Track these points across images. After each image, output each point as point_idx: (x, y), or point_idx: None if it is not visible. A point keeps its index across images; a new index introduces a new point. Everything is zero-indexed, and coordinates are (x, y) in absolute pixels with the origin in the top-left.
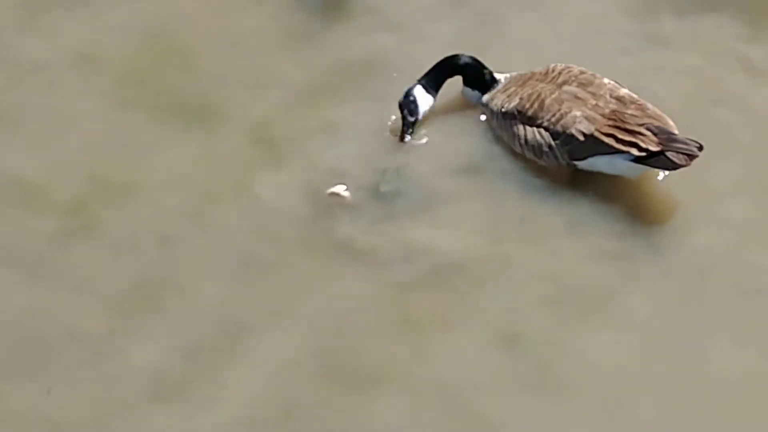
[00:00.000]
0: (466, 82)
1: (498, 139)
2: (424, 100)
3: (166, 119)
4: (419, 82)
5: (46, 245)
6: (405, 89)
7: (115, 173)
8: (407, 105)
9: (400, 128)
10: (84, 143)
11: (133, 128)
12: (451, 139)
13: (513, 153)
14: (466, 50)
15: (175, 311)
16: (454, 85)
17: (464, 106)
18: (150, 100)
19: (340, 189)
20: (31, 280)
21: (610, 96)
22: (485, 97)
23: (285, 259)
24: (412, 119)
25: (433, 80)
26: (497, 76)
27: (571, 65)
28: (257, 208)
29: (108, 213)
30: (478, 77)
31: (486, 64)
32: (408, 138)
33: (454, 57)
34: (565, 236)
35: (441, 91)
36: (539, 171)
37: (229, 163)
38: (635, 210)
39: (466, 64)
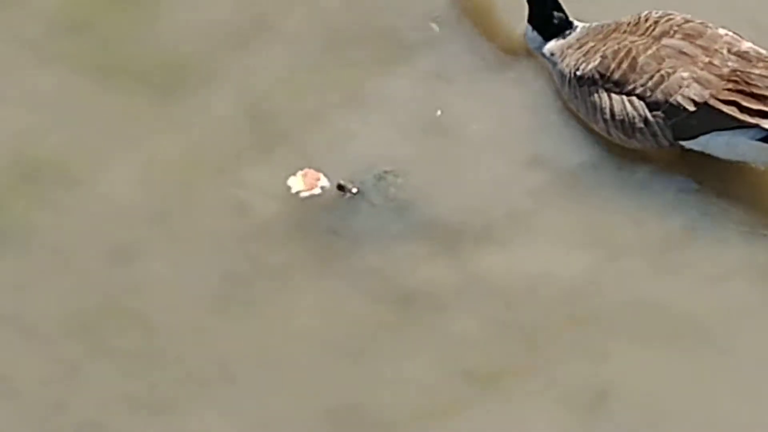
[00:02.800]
0: (531, 18)
1: (571, 113)
2: None
3: (119, 85)
4: None
5: None
6: None
7: (49, 159)
8: None
9: None
10: (5, 115)
11: (73, 96)
12: (503, 111)
13: (592, 133)
14: None
15: (134, 353)
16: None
17: (525, 51)
18: (96, 58)
19: (298, 182)
20: None
21: (729, 51)
22: (549, 47)
23: (282, 290)
24: None
25: None
26: (576, 22)
27: (671, 12)
28: (244, 211)
29: (39, 214)
30: (543, 15)
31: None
32: None
33: None
34: (674, 249)
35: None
36: (632, 157)
37: (206, 148)
38: None
39: None
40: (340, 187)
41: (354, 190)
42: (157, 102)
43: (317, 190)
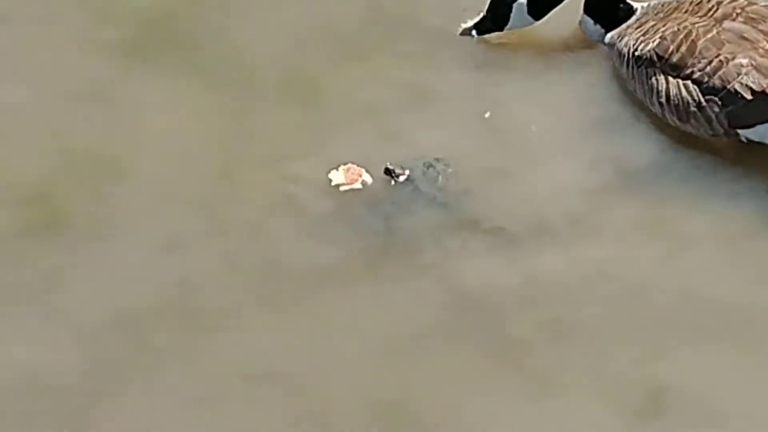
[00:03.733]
0: (589, 10)
1: (629, 96)
2: (519, 17)
3: (165, 73)
4: None
5: None
6: None
7: (94, 147)
8: (498, 6)
9: (475, 21)
10: (47, 103)
11: (119, 84)
12: (560, 106)
13: (653, 126)
14: None
15: (179, 348)
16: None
17: (580, 43)
18: (142, 45)
19: (340, 175)
20: None
21: None
22: (611, 35)
23: (331, 285)
24: (491, 26)
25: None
26: (634, 4)
27: None
28: (294, 204)
29: (85, 206)
30: (607, 5)
31: None
32: (472, 33)
33: None
34: (740, 244)
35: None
36: (695, 151)
37: (256, 139)
38: None
39: None
40: (387, 172)
41: (401, 178)
42: (206, 92)
43: (358, 185)
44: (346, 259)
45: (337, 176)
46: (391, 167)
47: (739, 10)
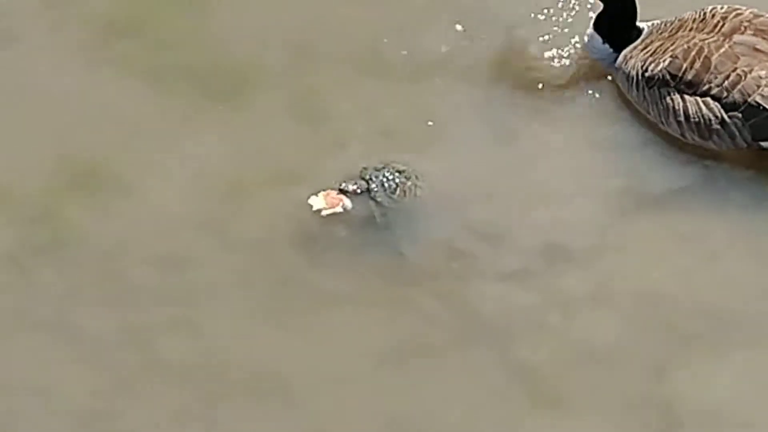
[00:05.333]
0: (600, 27)
1: (639, 117)
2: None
3: (171, 89)
4: None
5: None
6: None
7: (98, 165)
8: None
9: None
10: (54, 120)
11: (124, 100)
12: (568, 117)
13: (664, 136)
14: None
15: (184, 364)
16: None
17: (584, 67)
18: (148, 62)
19: (319, 201)
20: None
21: None
22: (619, 60)
23: (335, 301)
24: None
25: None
26: (641, 25)
27: (737, 6)
28: (294, 221)
29: (88, 221)
30: (621, 25)
31: None
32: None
33: None
34: (749, 256)
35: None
36: (706, 158)
37: (259, 154)
38: None
39: None
40: (342, 192)
41: (359, 190)
42: (209, 107)
43: (339, 209)
44: (354, 279)
45: (317, 202)
46: (342, 186)
47: (746, 24)
